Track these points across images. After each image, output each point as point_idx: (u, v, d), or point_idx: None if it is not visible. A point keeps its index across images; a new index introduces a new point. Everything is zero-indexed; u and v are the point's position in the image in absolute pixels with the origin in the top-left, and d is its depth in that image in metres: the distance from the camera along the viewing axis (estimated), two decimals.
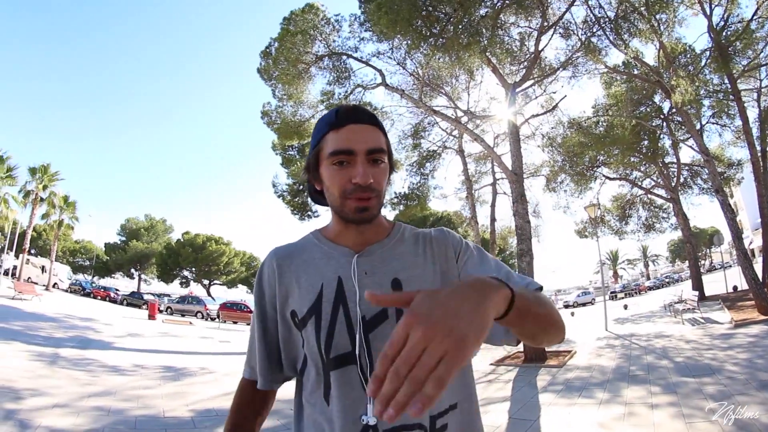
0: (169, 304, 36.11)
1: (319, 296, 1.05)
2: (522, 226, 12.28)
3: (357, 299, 1.03)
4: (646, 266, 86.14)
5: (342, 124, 1.04)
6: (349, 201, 1.03)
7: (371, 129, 1.06)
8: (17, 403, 5.82)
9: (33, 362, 8.82)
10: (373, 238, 1.13)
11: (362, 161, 1.02)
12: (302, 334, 1.07)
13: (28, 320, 15.48)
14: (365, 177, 1.00)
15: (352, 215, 1.04)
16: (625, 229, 27.73)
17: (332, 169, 1.04)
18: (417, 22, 13.01)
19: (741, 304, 16.13)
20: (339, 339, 1.01)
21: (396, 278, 1.08)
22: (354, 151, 1.02)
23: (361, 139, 1.03)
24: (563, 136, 20.43)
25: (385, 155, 1.07)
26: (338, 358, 1.00)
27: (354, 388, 0.99)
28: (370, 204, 1.04)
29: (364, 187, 1.01)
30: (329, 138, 1.05)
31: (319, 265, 1.10)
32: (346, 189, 1.03)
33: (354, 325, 1.01)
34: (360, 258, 1.09)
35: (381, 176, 1.06)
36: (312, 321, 1.04)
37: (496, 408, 6.47)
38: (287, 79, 15.59)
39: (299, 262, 1.12)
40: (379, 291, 0.82)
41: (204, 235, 59.60)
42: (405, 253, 1.13)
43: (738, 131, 20.39)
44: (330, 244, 1.13)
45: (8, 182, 32.36)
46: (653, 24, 14.74)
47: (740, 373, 7.14)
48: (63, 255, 59.49)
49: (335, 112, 1.06)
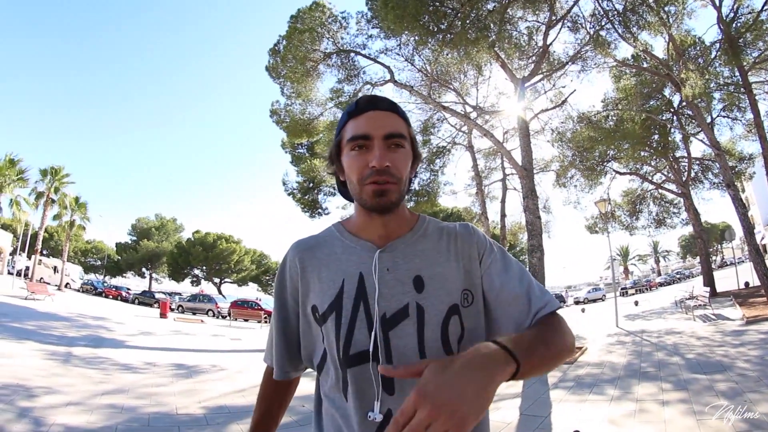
0: (180, 303, 36.33)
1: (340, 292, 1.04)
2: (532, 221, 12.25)
3: (376, 296, 1.01)
4: (656, 262, 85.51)
5: (361, 112, 1.05)
6: (366, 186, 1.02)
7: (390, 115, 1.06)
8: (31, 401, 5.88)
9: (47, 361, 8.90)
10: (396, 232, 1.11)
11: (379, 145, 1.02)
12: (322, 330, 1.06)
13: (41, 320, 15.63)
14: (382, 160, 1.00)
15: (370, 201, 1.03)
16: (636, 224, 27.60)
17: (351, 155, 1.04)
18: (424, 18, 12.99)
19: (753, 300, 15.97)
20: (358, 336, 1.00)
21: (419, 275, 1.05)
22: (371, 135, 1.02)
23: (379, 124, 1.03)
24: (573, 130, 20.33)
25: (406, 141, 1.06)
26: (357, 355, 0.99)
27: (371, 386, 0.97)
28: (389, 188, 1.01)
29: (381, 170, 1.00)
30: (348, 126, 1.06)
31: (341, 260, 1.08)
32: (363, 174, 1.02)
33: (374, 322, 1.00)
34: (382, 254, 1.06)
35: (400, 162, 1.04)
36: (332, 317, 1.03)
37: (507, 404, 6.45)
38: (296, 77, 15.63)
39: (321, 256, 1.11)
40: (397, 368, 0.83)
41: (214, 233, 59.90)
42: (428, 249, 1.10)
43: (749, 124, 20.21)
44: (352, 237, 1.11)
45: (20, 184, 32.72)
46: (662, 16, 14.64)
47: (752, 370, 7.08)
48: (75, 255, 60.09)
49: (356, 102, 1.07)
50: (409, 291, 1.03)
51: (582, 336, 14.24)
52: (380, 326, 0.99)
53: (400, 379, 0.95)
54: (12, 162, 31.72)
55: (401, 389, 0.96)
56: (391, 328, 0.99)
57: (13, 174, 31.75)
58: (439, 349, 1.00)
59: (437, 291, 1.04)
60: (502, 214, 23.56)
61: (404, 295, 1.02)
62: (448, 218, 41.50)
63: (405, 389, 0.96)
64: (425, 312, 1.01)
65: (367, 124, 1.03)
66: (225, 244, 58.97)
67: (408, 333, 0.99)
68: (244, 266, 61.97)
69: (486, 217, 22.38)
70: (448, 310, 1.03)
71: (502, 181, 23.81)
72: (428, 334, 1.00)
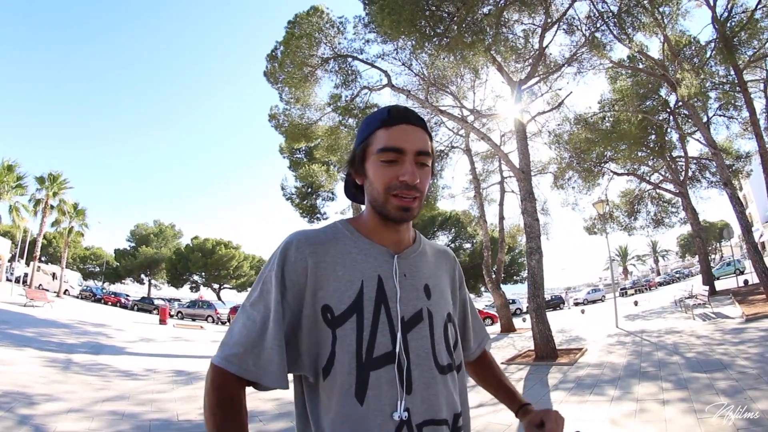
0: (179, 309, 36.24)
1: (360, 294, 1.03)
2: (530, 224, 12.26)
3: (399, 299, 1.06)
4: (656, 262, 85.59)
5: (394, 123, 1.07)
6: (392, 198, 1.05)
7: (420, 131, 1.09)
8: (32, 409, 5.89)
9: (46, 368, 8.90)
10: (406, 240, 1.17)
11: (411, 161, 1.05)
12: (336, 333, 1.01)
13: (41, 327, 15.61)
14: (413, 176, 1.03)
15: (393, 213, 1.06)
16: (634, 224, 27.66)
17: (380, 165, 1.06)
18: (421, 23, 13.01)
19: (752, 298, 16.01)
20: (381, 339, 1.01)
21: (427, 284, 1.14)
22: (404, 150, 1.05)
23: (412, 139, 1.06)
24: (570, 132, 20.36)
25: (431, 159, 1.11)
26: (380, 357, 1.00)
27: (393, 387, 0.99)
28: (413, 204, 1.07)
29: (410, 186, 1.04)
30: (379, 134, 1.07)
31: (357, 260, 1.08)
32: (391, 185, 1.05)
33: (395, 326, 1.03)
34: (400, 260, 1.11)
35: (426, 179, 1.10)
36: (353, 320, 1.01)
37: None
38: (294, 82, 15.65)
39: (335, 254, 1.07)
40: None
41: (213, 239, 59.79)
42: (429, 262, 1.20)
43: (745, 123, 20.29)
44: (365, 240, 1.12)
45: (18, 191, 32.63)
46: (657, 17, 14.71)
47: (752, 367, 7.10)
48: (73, 262, 59.95)
49: (387, 110, 1.09)
50: (421, 297, 1.11)
51: (582, 337, 14.27)
52: (400, 329, 1.04)
53: (417, 379, 1.02)
54: (10, 168, 31.63)
55: (418, 388, 1.01)
56: (409, 331, 1.05)
57: (12, 181, 31.67)
58: (444, 350, 1.10)
59: (439, 299, 1.15)
60: (500, 216, 23.57)
61: (418, 301, 1.09)
62: (446, 222, 41.56)
63: (421, 388, 1.02)
64: (433, 317, 1.11)
65: (401, 138, 1.05)
66: (224, 249, 58.85)
67: (423, 335, 1.07)
68: (243, 272, 61.81)
69: (484, 219, 22.39)
70: (446, 316, 1.16)
71: (500, 183, 23.82)
72: (436, 337, 1.09)
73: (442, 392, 1.05)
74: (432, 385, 1.03)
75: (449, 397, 1.06)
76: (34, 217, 35.03)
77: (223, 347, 1.02)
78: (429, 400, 1.02)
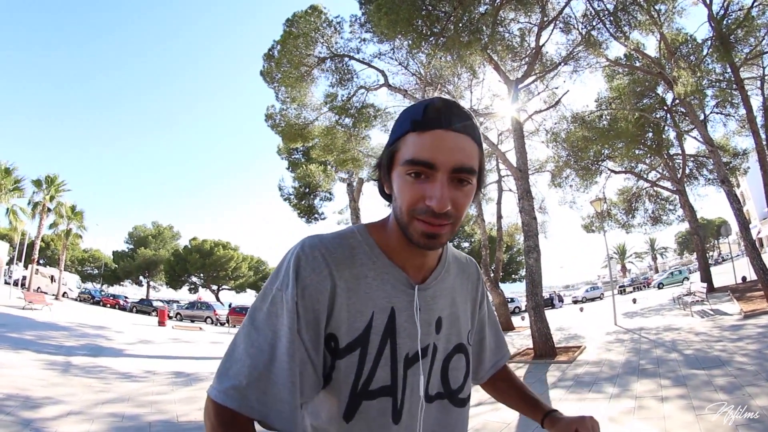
0: (178, 311, 36.13)
1: (369, 326, 0.92)
2: (528, 222, 12.28)
3: (419, 337, 0.97)
4: (654, 259, 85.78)
5: (428, 127, 0.84)
6: (416, 222, 0.87)
7: (464, 139, 0.86)
8: (33, 412, 5.89)
9: (46, 371, 8.89)
10: (431, 262, 1.03)
11: (443, 180, 0.84)
12: (334, 362, 0.91)
13: (40, 329, 15.58)
14: (442, 203, 0.83)
15: (416, 239, 0.88)
16: (632, 222, 27.67)
17: (405, 179, 0.86)
18: (417, 22, 13.02)
19: (750, 294, 16.04)
20: (381, 373, 0.92)
21: (440, 316, 1.03)
22: (436, 165, 0.83)
23: (449, 151, 0.84)
24: (567, 131, 20.39)
25: (475, 176, 0.88)
26: (376, 390, 0.92)
27: (383, 415, 0.93)
28: (442, 231, 0.87)
29: (438, 214, 0.84)
30: (410, 140, 0.86)
31: (372, 287, 0.94)
32: (416, 208, 0.85)
33: (398, 361, 0.95)
34: (419, 291, 0.99)
35: (463, 201, 0.88)
36: (356, 353, 0.91)
37: None
38: (290, 82, 15.64)
39: (349, 277, 0.92)
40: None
41: (211, 240, 59.79)
42: (449, 289, 1.07)
43: (742, 120, 20.31)
44: (385, 260, 0.97)
45: (16, 194, 32.63)
46: (653, 15, 14.72)
47: (750, 364, 7.12)
48: (72, 264, 59.82)
49: (424, 107, 0.86)
50: (431, 332, 1.01)
51: (580, 335, 14.29)
52: (402, 364, 0.96)
53: (407, 411, 0.96)
54: (8, 171, 31.61)
55: (405, 418, 0.96)
56: (410, 367, 0.96)
57: (9, 183, 31.65)
58: (439, 382, 1.04)
59: (449, 331, 1.06)
60: (498, 215, 23.62)
61: (428, 336, 1.00)
62: None
63: (406, 417, 0.96)
64: (438, 352, 1.03)
65: (433, 149, 0.83)
66: (222, 251, 58.84)
67: (421, 371, 0.98)
68: (241, 273, 61.81)
69: (482, 219, 22.45)
70: (453, 348, 1.07)
71: (498, 182, 23.87)
72: (434, 370, 1.02)
73: (426, 419, 1.00)
74: (415, 414, 0.98)
75: (431, 422, 1.01)
76: (32, 219, 35.08)
77: (221, 378, 0.87)
78: (411, 427, 0.97)
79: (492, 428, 5.40)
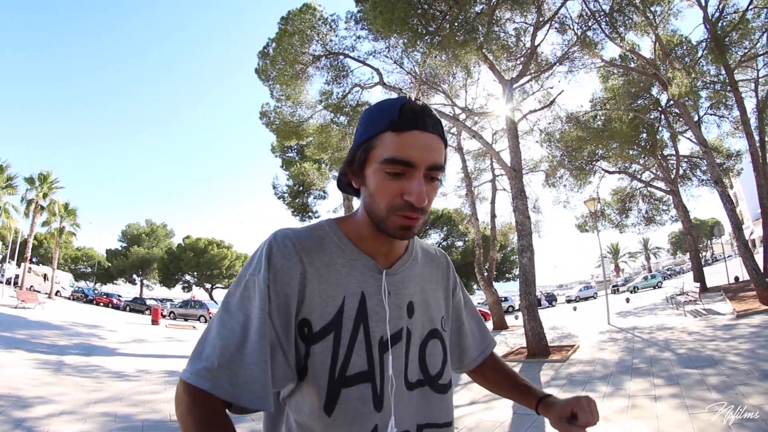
0: (171, 309, 36.08)
1: (340, 311, 0.96)
2: (522, 222, 12.29)
3: (387, 319, 1.00)
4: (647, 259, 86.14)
5: (406, 127, 0.90)
6: (395, 217, 0.93)
7: (436, 139, 0.93)
8: (25, 411, 5.85)
9: (38, 370, 8.85)
10: (398, 251, 1.08)
11: (420, 179, 0.91)
12: (311, 349, 0.94)
13: (32, 329, 15.51)
14: (421, 197, 0.90)
15: (392, 231, 0.95)
16: (626, 222, 27.76)
17: (383, 177, 0.92)
18: (413, 21, 13.00)
19: (743, 294, 16.15)
20: (356, 359, 0.95)
21: (411, 301, 1.07)
22: (415, 164, 0.90)
23: (426, 150, 0.91)
24: (561, 131, 20.43)
25: (443, 172, 0.97)
26: (353, 376, 0.94)
27: (365, 404, 0.94)
28: (417, 224, 0.95)
29: (417, 208, 0.91)
30: (387, 139, 0.91)
31: (342, 273, 0.98)
32: (395, 204, 0.92)
33: (373, 345, 0.97)
34: (388, 277, 1.03)
35: (433, 195, 0.97)
36: (330, 338, 0.94)
37: (501, 404, 6.48)
38: (285, 80, 15.62)
39: (319, 264, 0.97)
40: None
41: (205, 238, 59.55)
42: (418, 275, 1.12)
43: (736, 122, 20.43)
44: (353, 248, 1.02)
45: (8, 191, 32.45)
46: (648, 16, 14.78)
47: (742, 363, 7.17)
48: (65, 262, 59.54)
49: (400, 109, 0.91)
50: (403, 316, 1.04)
51: (574, 334, 14.33)
52: (378, 349, 0.98)
53: (387, 398, 0.97)
54: (0, 169, 31.45)
55: (387, 406, 0.97)
56: (386, 351, 0.99)
57: (1, 181, 31.50)
58: (416, 367, 1.06)
59: (422, 317, 1.09)
60: (492, 214, 23.62)
61: (400, 320, 1.03)
62: (438, 220, 41.61)
63: (392, 406, 0.97)
64: (411, 336, 1.05)
65: (412, 149, 0.90)
66: (216, 249, 58.63)
67: (398, 356, 1.01)
68: (235, 271, 61.45)
69: (476, 218, 22.43)
70: (428, 333, 1.10)
71: (492, 182, 23.87)
72: (411, 356, 1.04)
73: (407, 407, 1.01)
74: (399, 402, 0.99)
75: (414, 411, 1.03)
76: (25, 217, 34.91)
77: (193, 361, 0.90)
78: (396, 416, 0.98)
79: (485, 427, 5.40)
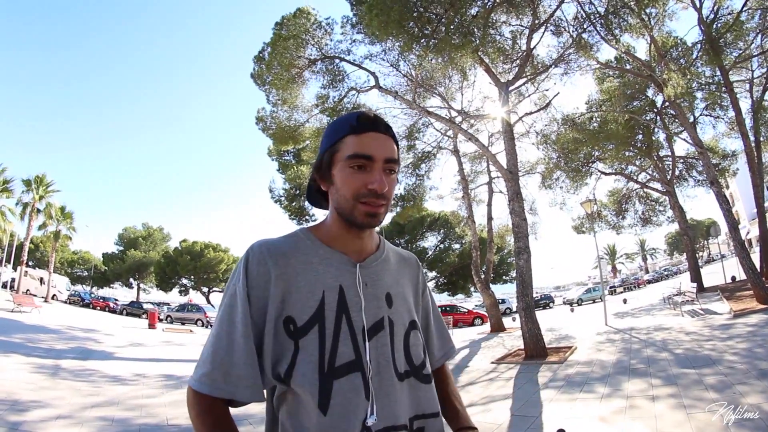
0: (168, 313, 36.00)
1: (321, 304, 1.04)
2: (519, 224, 12.31)
3: (363, 308, 1.07)
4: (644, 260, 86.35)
5: (363, 130, 1.06)
6: (360, 205, 1.05)
7: (389, 140, 1.09)
8: (21, 416, 5.83)
9: (35, 374, 8.82)
10: (369, 247, 1.18)
11: (379, 169, 1.05)
12: (298, 343, 1.01)
13: (29, 332, 15.45)
14: (382, 184, 1.04)
15: (360, 219, 1.06)
16: (622, 223, 27.88)
17: (348, 172, 1.05)
18: (409, 24, 13.01)
19: (739, 294, 16.17)
20: (344, 348, 1.02)
21: (388, 292, 1.16)
22: (374, 157, 1.05)
23: (381, 147, 1.06)
24: (557, 133, 20.48)
25: (398, 166, 1.11)
26: (342, 366, 1.01)
27: (358, 394, 1.00)
28: (381, 211, 1.07)
29: (378, 194, 1.04)
30: (349, 141, 1.06)
31: (318, 271, 1.08)
32: (360, 193, 1.04)
33: (357, 334, 1.04)
34: (362, 269, 1.12)
35: (392, 186, 1.10)
36: (315, 330, 1.02)
37: (498, 406, 6.49)
38: (281, 84, 15.59)
39: (296, 264, 1.07)
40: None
41: (202, 242, 59.39)
42: (392, 270, 1.22)
43: (731, 122, 20.53)
44: (326, 248, 1.12)
45: (4, 195, 32.33)
46: (643, 18, 14.82)
47: (740, 362, 7.18)
48: (61, 266, 59.35)
49: (357, 117, 1.08)
50: (383, 306, 1.13)
51: (571, 335, 14.34)
52: (362, 338, 1.05)
53: (378, 388, 1.03)
54: None
55: (379, 395, 1.03)
56: (370, 339, 1.06)
57: None
58: (402, 357, 1.13)
59: (401, 308, 1.18)
60: (488, 217, 23.64)
61: (379, 309, 1.11)
62: (435, 222, 41.57)
63: (381, 395, 1.03)
64: (394, 325, 1.13)
65: (370, 146, 1.05)
66: (213, 252, 58.47)
67: (384, 344, 1.08)
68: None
69: (473, 220, 22.44)
70: (408, 324, 1.18)
71: (488, 184, 23.90)
72: (396, 345, 1.12)
73: (400, 399, 1.07)
74: (391, 392, 1.05)
75: (407, 403, 1.09)
76: (21, 220, 34.72)
77: (196, 369, 1.04)
78: (389, 406, 1.04)
79: (483, 429, 5.39)
